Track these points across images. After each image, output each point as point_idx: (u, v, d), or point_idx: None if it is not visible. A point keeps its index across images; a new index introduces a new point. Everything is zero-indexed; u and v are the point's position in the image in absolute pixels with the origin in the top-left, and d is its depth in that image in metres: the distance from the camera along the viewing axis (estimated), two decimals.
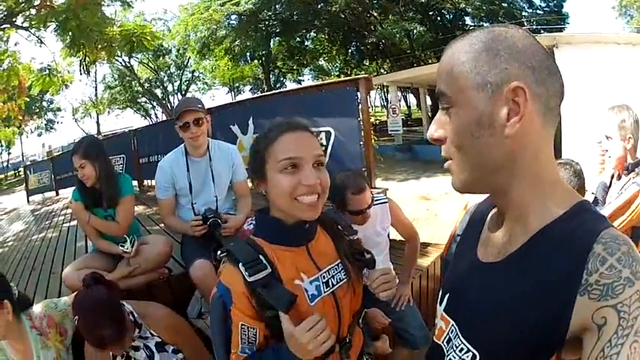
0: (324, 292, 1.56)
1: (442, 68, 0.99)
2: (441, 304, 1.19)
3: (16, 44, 23.26)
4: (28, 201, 17.35)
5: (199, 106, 3.29)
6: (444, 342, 1.12)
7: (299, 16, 31.53)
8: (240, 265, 1.46)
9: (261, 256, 1.49)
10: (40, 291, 4.45)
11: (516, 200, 0.98)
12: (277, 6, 31.63)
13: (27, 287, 4.64)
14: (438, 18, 32.46)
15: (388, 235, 3.41)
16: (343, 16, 30.80)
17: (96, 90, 43.26)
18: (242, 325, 1.46)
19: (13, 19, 15.91)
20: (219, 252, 1.56)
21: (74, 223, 7.65)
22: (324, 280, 1.58)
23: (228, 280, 1.49)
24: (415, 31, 31.12)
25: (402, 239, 3.50)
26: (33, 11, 15.48)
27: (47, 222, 9.61)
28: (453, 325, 1.10)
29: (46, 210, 12.07)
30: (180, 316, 2.79)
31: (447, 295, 1.18)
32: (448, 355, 1.08)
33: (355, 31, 32.68)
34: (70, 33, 15.70)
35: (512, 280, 0.94)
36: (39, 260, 5.96)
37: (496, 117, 0.91)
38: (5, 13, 15.40)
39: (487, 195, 1.20)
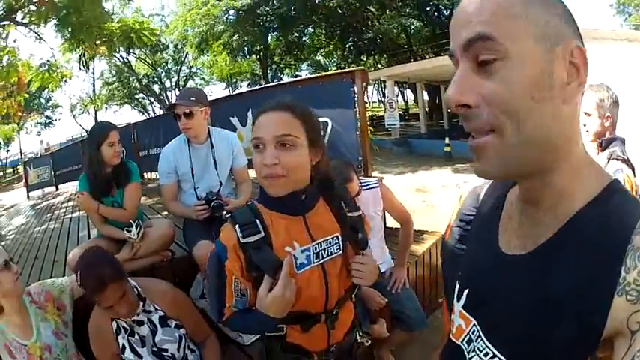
0: (313, 263, 1.66)
1: (482, 5, 0.76)
2: (459, 300, 1.04)
3: (15, 41, 23.26)
4: (28, 197, 17.19)
5: (192, 98, 3.37)
6: (464, 342, 0.99)
7: (296, 12, 31.39)
8: (237, 226, 1.59)
9: (257, 221, 1.61)
10: (44, 278, 4.51)
11: (555, 185, 0.82)
12: (275, 1, 31.49)
13: (30, 275, 4.68)
14: (436, 13, 32.29)
15: (384, 220, 3.49)
16: (341, 11, 30.64)
17: (94, 86, 42.98)
18: (235, 278, 1.60)
19: (13, 16, 15.92)
20: (224, 213, 1.68)
21: (76, 214, 7.68)
22: (315, 251, 1.66)
23: (225, 238, 1.62)
24: (412, 27, 31.04)
25: (398, 226, 3.54)
26: (33, 7, 15.49)
27: (49, 215, 9.55)
28: (474, 324, 0.96)
29: (47, 204, 11.95)
30: (182, 291, 2.88)
31: (465, 291, 1.02)
32: (470, 358, 0.95)
33: (353, 26, 32.54)
34: (70, 28, 15.72)
35: (542, 276, 0.81)
36: (42, 250, 5.92)
37: (556, 77, 0.75)
38: (5, 9, 15.41)
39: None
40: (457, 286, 1.07)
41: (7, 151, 49.56)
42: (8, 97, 21.41)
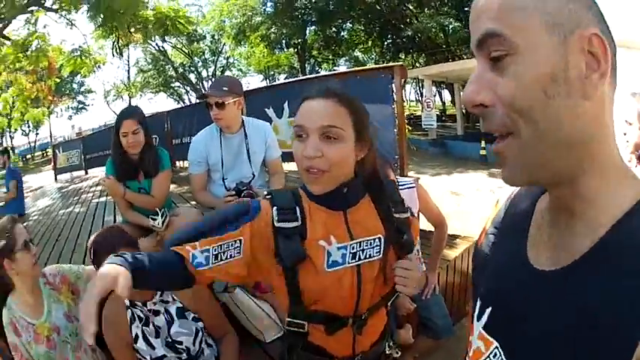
0: (348, 263, 1.53)
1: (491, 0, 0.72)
2: (479, 319, 0.91)
3: (45, 26, 23.62)
4: (55, 179, 17.57)
5: (225, 88, 3.27)
6: None
7: (335, 6, 31.44)
8: (275, 208, 1.49)
9: (297, 208, 1.51)
10: (64, 261, 4.47)
11: (583, 190, 0.72)
12: None
13: (50, 257, 4.67)
14: None
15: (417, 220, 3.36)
16: (379, 7, 30.65)
17: (128, 73, 43.56)
18: (239, 239, 1.48)
19: (42, 1, 16.05)
20: (265, 193, 1.57)
21: (103, 199, 7.72)
22: (352, 251, 1.54)
23: (264, 208, 1.52)
24: (450, 27, 30.82)
25: (431, 230, 3.44)
26: None
27: (75, 198, 9.72)
28: (497, 347, 0.84)
29: (74, 187, 12.20)
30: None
31: (488, 309, 0.89)
32: None
33: (391, 23, 32.45)
34: (102, 15, 15.83)
35: (578, 297, 0.69)
36: (64, 233, 6.00)
37: (572, 70, 0.67)
38: None
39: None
40: (478, 304, 0.94)
41: (37, 134, 50.48)
42: (38, 81, 21.76)
